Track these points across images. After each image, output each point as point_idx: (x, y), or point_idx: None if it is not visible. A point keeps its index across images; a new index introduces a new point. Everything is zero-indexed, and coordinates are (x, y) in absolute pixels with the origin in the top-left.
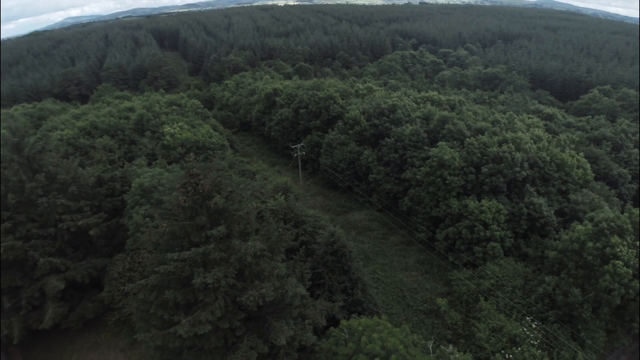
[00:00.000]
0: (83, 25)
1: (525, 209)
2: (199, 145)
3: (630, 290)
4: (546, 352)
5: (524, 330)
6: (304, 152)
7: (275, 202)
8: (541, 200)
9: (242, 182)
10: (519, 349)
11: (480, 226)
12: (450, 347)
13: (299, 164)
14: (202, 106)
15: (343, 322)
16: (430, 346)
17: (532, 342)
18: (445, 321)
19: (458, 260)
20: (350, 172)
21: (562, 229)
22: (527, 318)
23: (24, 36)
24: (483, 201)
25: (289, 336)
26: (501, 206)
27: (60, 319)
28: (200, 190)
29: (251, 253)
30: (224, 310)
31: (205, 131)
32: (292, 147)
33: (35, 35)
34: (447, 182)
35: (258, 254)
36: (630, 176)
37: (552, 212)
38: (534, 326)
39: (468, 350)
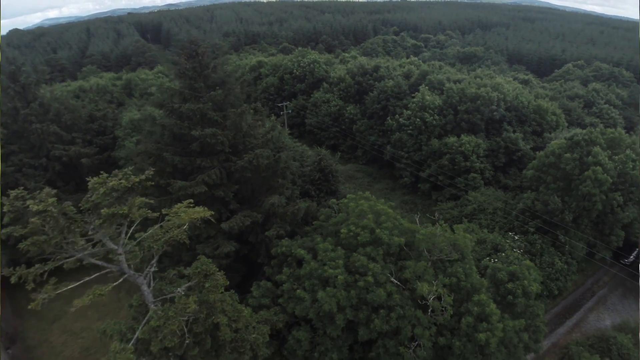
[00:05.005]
0: (62, 25)
1: (502, 143)
2: None
3: (614, 201)
4: (526, 256)
5: (507, 242)
6: (290, 111)
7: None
8: (517, 135)
9: None
10: (503, 254)
11: (461, 157)
12: (436, 214)
13: (285, 122)
14: None
15: (332, 201)
16: (417, 219)
17: (515, 250)
18: None
19: (441, 196)
20: (335, 129)
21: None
22: (510, 233)
23: (3, 36)
24: (462, 137)
25: (282, 202)
26: (480, 141)
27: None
28: (200, 58)
29: (246, 120)
30: (219, 178)
31: None
32: (279, 105)
33: (15, 32)
34: (427, 122)
35: (251, 125)
36: (602, 125)
37: (529, 147)
38: (516, 238)
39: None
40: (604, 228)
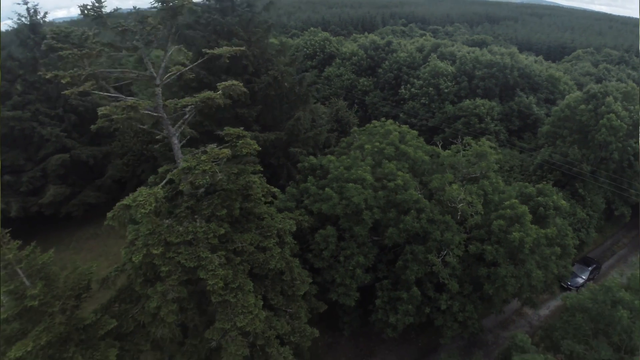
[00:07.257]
0: (73, 21)
1: (516, 107)
2: None
3: (629, 148)
4: None
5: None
6: None
7: None
8: (531, 99)
9: None
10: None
11: (476, 119)
12: (458, 138)
13: None
14: None
15: (354, 129)
16: (440, 145)
17: None
18: None
19: None
20: (348, 101)
21: None
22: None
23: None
24: (477, 100)
25: (306, 121)
26: (494, 104)
27: (61, 199)
28: None
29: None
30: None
31: None
32: None
33: None
34: (440, 89)
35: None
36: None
37: (542, 113)
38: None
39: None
40: (622, 182)
